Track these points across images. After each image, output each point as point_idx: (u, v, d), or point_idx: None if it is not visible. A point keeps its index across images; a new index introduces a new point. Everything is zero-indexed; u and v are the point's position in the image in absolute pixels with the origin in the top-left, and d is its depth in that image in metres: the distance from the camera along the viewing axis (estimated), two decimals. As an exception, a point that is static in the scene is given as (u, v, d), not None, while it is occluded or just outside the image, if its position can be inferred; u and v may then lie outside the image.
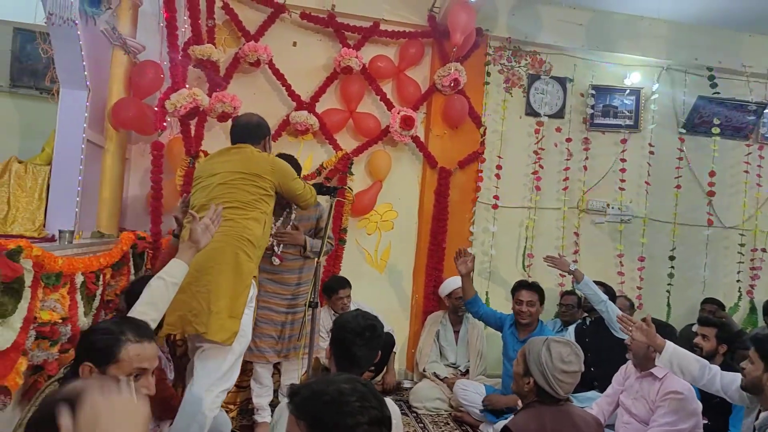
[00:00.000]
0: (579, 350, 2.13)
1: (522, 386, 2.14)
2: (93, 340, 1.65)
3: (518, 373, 2.17)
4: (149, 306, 2.07)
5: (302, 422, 1.24)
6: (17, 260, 1.84)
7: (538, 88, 5.14)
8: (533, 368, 2.09)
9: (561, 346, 2.10)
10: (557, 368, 2.05)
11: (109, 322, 1.77)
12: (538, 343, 2.13)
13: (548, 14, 5.01)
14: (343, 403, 1.24)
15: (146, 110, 4.04)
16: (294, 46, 4.70)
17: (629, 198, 5.27)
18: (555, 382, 2.05)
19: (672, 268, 5.26)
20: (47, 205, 3.38)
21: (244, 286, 2.60)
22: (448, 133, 4.90)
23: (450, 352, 4.46)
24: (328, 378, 1.36)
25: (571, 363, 2.07)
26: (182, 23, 4.21)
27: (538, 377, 2.08)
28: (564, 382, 2.06)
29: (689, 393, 2.68)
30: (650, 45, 5.16)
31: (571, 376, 2.07)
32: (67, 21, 2.91)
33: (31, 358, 2.08)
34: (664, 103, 5.34)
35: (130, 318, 1.83)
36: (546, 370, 2.06)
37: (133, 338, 1.67)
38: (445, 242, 4.80)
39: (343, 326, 2.08)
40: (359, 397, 1.26)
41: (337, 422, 1.22)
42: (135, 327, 1.72)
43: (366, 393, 1.29)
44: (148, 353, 1.69)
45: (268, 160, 2.88)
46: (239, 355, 2.67)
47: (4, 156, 3.57)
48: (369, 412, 1.25)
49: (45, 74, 3.86)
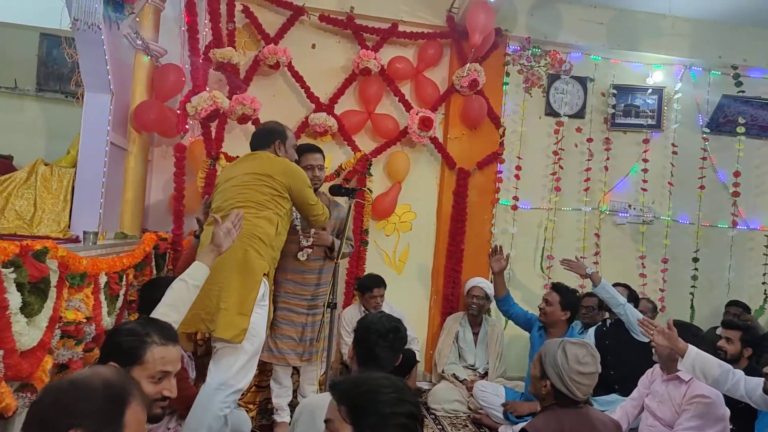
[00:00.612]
0: (595, 351, 2.11)
1: (539, 389, 2.14)
2: (118, 341, 1.66)
3: (535, 375, 2.17)
4: (171, 308, 2.10)
5: (342, 407, 1.34)
6: (43, 261, 1.88)
7: (558, 87, 5.09)
8: (549, 371, 2.08)
9: (577, 347, 2.09)
10: (573, 370, 2.04)
11: (134, 323, 1.78)
12: (553, 346, 2.13)
13: (568, 13, 4.97)
14: (380, 393, 1.35)
15: (168, 113, 4.10)
16: (313, 48, 4.73)
17: (651, 199, 5.20)
18: (572, 384, 2.04)
19: (696, 270, 5.17)
20: (72, 207, 3.45)
21: (253, 282, 2.60)
22: (466, 134, 4.88)
23: (469, 353, 4.44)
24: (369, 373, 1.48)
25: (587, 364, 2.06)
26: (203, 27, 4.27)
27: (554, 379, 2.07)
28: (581, 383, 2.04)
29: (717, 398, 2.63)
30: (673, 43, 5.08)
31: (587, 377, 2.06)
32: (91, 26, 2.96)
33: (57, 356, 2.12)
34: (688, 102, 5.26)
35: (156, 320, 1.85)
36: (562, 372, 2.05)
37: (158, 341, 1.68)
38: (464, 243, 4.79)
39: (368, 327, 2.09)
40: (396, 390, 1.36)
41: (375, 409, 1.32)
42: (160, 329, 1.74)
43: (404, 389, 1.39)
44: (172, 356, 1.71)
45: (280, 162, 2.89)
46: (252, 355, 2.65)
47: (30, 158, 3.65)
48: (405, 405, 1.35)
49: (70, 78, 3.93)
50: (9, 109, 4.58)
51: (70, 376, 1.21)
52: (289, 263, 3.31)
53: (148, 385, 1.62)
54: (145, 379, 1.62)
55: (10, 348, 1.66)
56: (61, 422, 1.13)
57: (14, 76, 4.54)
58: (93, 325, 2.30)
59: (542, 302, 3.76)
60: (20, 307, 1.74)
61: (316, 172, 3.33)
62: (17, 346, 1.71)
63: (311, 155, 3.36)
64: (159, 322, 1.81)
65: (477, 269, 4.78)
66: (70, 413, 1.14)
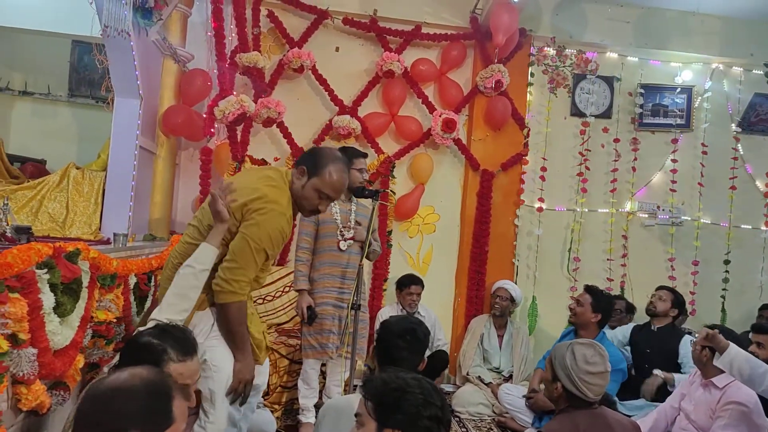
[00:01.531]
0: (603, 350, 2.11)
1: (552, 392, 2.15)
2: (137, 358, 1.60)
3: (547, 378, 2.18)
4: (179, 297, 2.01)
5: (369, 403, 1.39)
6: (75, 262, 1.93)
7: (583, 87, 5.03)
8: (560, 373, 2.09)
9: (584, 347, 2.10)
10: (582, 370, 2.04)
11: (151, 335, 1.70)
12: (562, 348, 2.14)
13: (594, 12, 4.90)
14: (408, 392, 1.37)
15: (195, 117, 4.17)
16: (336, 51, 4.76)
17: (681, 200, 5.09)
18: (582, 385, 2.04)
19: (727, 273, 5.05)
20: (103, 209, 3.53)
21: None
22: (490, 135, 4.85)
23: (494, 356, 4.41)
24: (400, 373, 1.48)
25: (595, 364, 2.06)
26: (229, 32, 4.33)
27: (565, 381, 2.07)
28: (591, 383, 2.04)
29: (755, 407, 2.57)
30: (702, 41, 4.98)
31: (597, 377, 2.05)
32: (121, 33, 3.04)
33: (88, 355, 2.17)
34: (718, 101, 5.14)
35: (172, 331, 1.75)
36: (572, 373, 2.05)
37: (175, 357, 1.65)
38: (488, 245, 4.76)
39: (386, 327, 2.11)
40: (423, 391, 1.39)
41: (400, 408, 1.35)
42: (177, 343, 1.68)
43: (431, 391, 1.41)
44: (190, 370, 1.69)
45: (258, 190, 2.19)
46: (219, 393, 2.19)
47: (63, 162, 3.75)
48: (431, 407, 1.37)
49: (101, 84, 4.03)
50: (43, 114, 4.72)
51: (106, 383, 1.21)
52: (326, 257, 3.41)
53: None
54: None
55: (44, 347, 1.71)
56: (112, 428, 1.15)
57: (48, 82, 4.68)
58: (123, 325, 2.35)
59: (573, 302, 3.69)
60: (53, 307, 1.78)
61: (365, 174, 3.51)
62: (51, 345, 1.76)
63: (363, 159, 3.53)
64: (175, 333, 1.73)
65: (501, 271, 4.75)
66: (121, 418, 1.16)
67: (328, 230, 3.46)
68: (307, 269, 3.46)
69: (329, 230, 3.45)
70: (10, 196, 3.31)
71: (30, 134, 4.61)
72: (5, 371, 1.55)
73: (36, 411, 1.75)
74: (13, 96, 4.64)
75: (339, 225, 3.43)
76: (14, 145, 4.41)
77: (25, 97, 4.66)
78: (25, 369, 1.63)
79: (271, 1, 4.55)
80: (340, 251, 3.44)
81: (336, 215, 3.45)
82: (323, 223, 3.46)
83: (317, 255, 3.47)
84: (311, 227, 3.47)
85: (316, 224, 3.47)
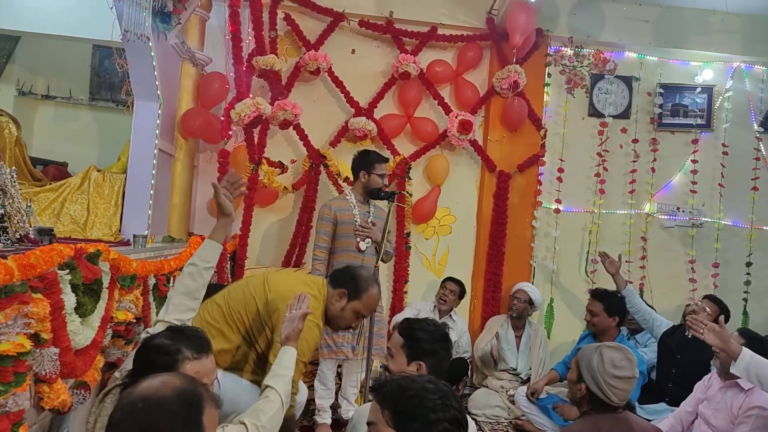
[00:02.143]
0: (632, 355, 2.08)
1: (575, 393, 2.12)
2: (151, 359, 1.62)
3: (572, 379, 2.15)
4: (185, 296, 2.00)
5: (386, 411, 1.34)
6: (96, 263, 1.96)
7: (601, 87, 4.98)
8: (585, 374, 2.06)
9: (613, 351, 2.07)
10: (609, 373, 2.02)
11: (163, 336, 1.71)
12: (590, 350, 2.11)
13: (612, 11, 4.85)
14: (425, 398, 1.33)
15: (213, 120, 4.21)
16: (353, 53, 4.77)
17: (701, 201, 5.01)
18: (607, 388, 2.01)
19: (749, 275, 4.96)
20: (123, 211, 3.58)
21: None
22: (507, 137, 4.83)
23: (510, 355, 4.36)
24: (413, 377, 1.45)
25: (623, 368, 2.03)
26: (246, 35, 4.37)
27: (590, 383, 2.05)
28: (617, 388, 2.01)
29: None
30: (723, 40, 4.90)
31: (624, 381, 2.02)
32: (140, 37, 3.08)
33: (107, 355, 2.21)
34: (739, 100, 5.05)
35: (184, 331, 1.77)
36: (597, 376, 2.03)
37: (191, 356, 1.64)
38: (505, 247, 4.73)
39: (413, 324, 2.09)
40: (441, 396, 1.35)
41: (419, 415, 1.31)
42: (191, 342, 1.68)
43: (448, 393, 1.37)
44: (206, 368, 1.68)
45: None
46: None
47: (84, 165, 3.82)
48: (449, 411, 1.33)
49: (121, 88, 4.09)
50: (65, 117, 4.80)
51: (138, 393, 1.21)
52: (344, 257, 3.47)
53: None
54: None
55: (65, 346, 1.74)
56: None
57: (69, 86, 4.77)
58: (142, 326, 2.37)
59: (587, 314, 3.68)
60: (75, 308, 1.81)
61: (386, 179, 3.64)
62: (72, 344, 1.79)
63: (385, 164, 3.66)
64: (188, 332, 1.74)
65: (518, 273, 4.72)
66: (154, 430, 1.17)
67: (346, 230, 3.49)
68: (324, 268, 3.49)
69: (348, 231, 3.49)
70: (33, 198, 3.37)
71: (52, 137, 4.70)
72: (28, 370, 1.58)
73: (58, 409, 1.78)
74: (36, 100, 4.73)
75: (358, 226, 3.48)
76: (37, 148, 4.49)
77: (48, 101, 4.75)
78: (48, 368, 1.66)
79: (287, 4, 4.58)
80: (359, 252, 3.47)
81: (356, 217, 3.49)
82: (341, 223, 3.50)
83: (335, 254, 3.51)
84: (329, 227, 3.51)
85: (334, 224, 3.51)
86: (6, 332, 1.48)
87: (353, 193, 3.63)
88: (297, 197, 4.65)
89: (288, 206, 4.72)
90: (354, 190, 3.66)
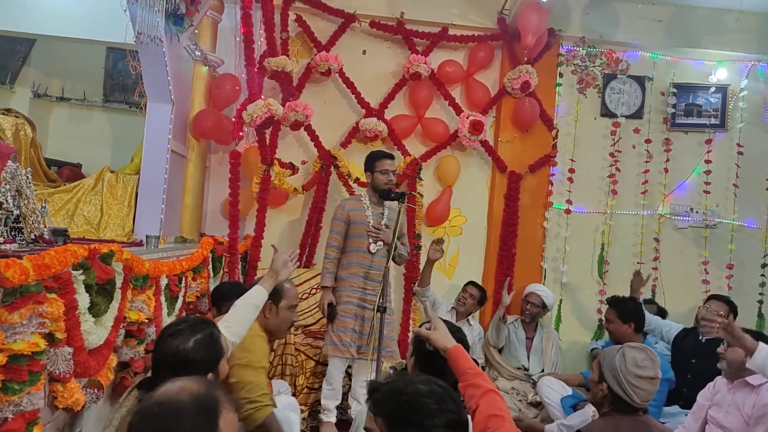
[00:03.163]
0: (654, 356, 2.06)
1: (597, 393, 2.11)
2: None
3: (593, 380, 2.14)
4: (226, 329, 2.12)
5: (380, 419, 1.30)
6: (109, 263, 1.97)
7: (614, 87, 4.95)
8: (607, 374, 2.06)
9: (636, 351, 2.06)
10: (631, 373, 2.01)
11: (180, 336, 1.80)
12: (613, 350, 2.11)
13: (625, 11, 4.82)
14: (420, 404, 1.28)
15: (224, 121, 4.24)
16: (363, 54, 4.78)
17: (715, 201, 4.96)
18: (629, 388, 2.00)
19: (763, 277, 4.90)
20: (135, 212, 3.61)
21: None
22: (518, 137, 4.81)
23: (521, 354, 4.32)
24: (408, 377, 1.39)
25: (645, 368, 2.01)
26: (258, 37, 4.39)
27: (612, 383, 2.04)
28: (639, 388, 2.00)
29: None
30: (738, 39, 4.84)
31: (646, 382, 2.01)
32: (154, 39, 3.10)
33: (120, 355, 2.22)
34: (754, 100, 4.99)
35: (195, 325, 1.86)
36: (620, 375, 2.02)
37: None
38: (515, 248, 4.71)
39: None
40: (437, 399, 1.30)
41: (414, 422, 1.27)
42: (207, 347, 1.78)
43: (443, 395, 1.32)
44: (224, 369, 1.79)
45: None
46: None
47: (98, 166, 3.86)
48: (446, 414, 1.29)
49: (134, 89, 4.12)
50: (79, 119, 4.85)
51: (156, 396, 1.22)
52: (354, 257, 3.50)
53: None
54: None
55: (79, 346, 1.76)
56: None
57: (83, 88, 4.82)
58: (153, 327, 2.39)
59: (605, 322, 3.65)
60: (88, 308, 1.83)
61: (390, 176, 3.53)
62: (86, 344, 1.80)
63: (388, 161, 3.55)
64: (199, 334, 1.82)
65: (529, 274, 4.70)
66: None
67: (358, 231, 3.50)
68: (335, 267, 3.51)
69: (360, 231, 3.50)
70: (47, 199, 3.41)
71: (67, 139, 4.75)
72: (42, 369, 1.60)
73: (71, 408, 1.80)
74: (51, 102, 4.78)
75: (371, 227, 3.49)
76: (52, 150, 4.55)
77: (62, 103, 4.81)
78: (61, 367, 1.68)
79: (299, 6, 4.59)
80: (369, 253, 3.48)
81: (369, 218, 3.51)
82: (354, 223, 3.51)
83: (346, 254, 3.53)
84: (342, 226, 3.52)
85: (347, 224, 3.52)
86: (21, 332, 1.50)
87: (367, 194, 3.66)
88: (307, 198, 4.67)
89: (298, 207, 4.74)
90: (367, 191, 3.68)
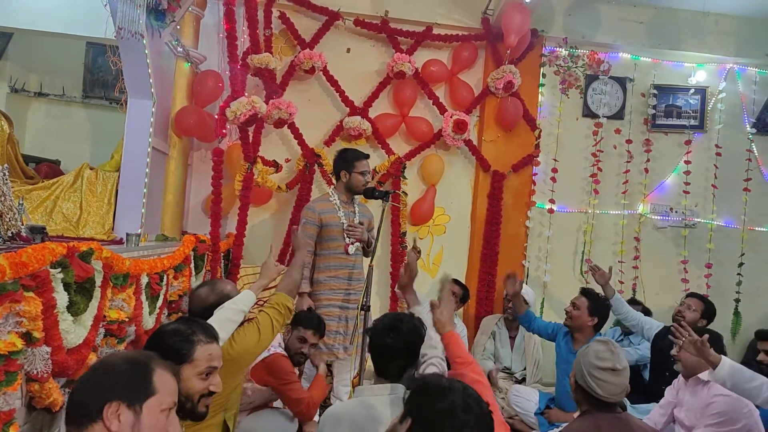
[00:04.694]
0: (616, 348, 2.11)
1: (573, 390, 2.18)
2: (167, 343, 1.75)
3: (571, 376, 2.20)
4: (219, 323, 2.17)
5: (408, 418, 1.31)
6: (89, 261, 1.94)
7: (596, 88, 5.00)
8: (576, 368, 2.13)
9: (598, 344, 2.14)
10: (591, 364, 2.07)
11: (177, 323, 1.88)
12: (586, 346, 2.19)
13: (607, 13, 4.88)
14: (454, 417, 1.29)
15: (207, 118, 4.20)
16: (348, 52, 4.77)
17: (694, 201, 5.04)
18: (592, 380, 2.05)
19: (740, 276, 4.99)
20: (116, 210, 3.55)
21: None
22: (501, 137, 4.84)
23: (505, 355, 4.37)
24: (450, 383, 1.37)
25: (604, 360, 2.07)
26: (241, 34, 4.35)
27: (578, 377, 2.11)
28: (601, 380, 2.05)
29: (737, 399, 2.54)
30: (717, 42, 4.93)
31: (607, 373, 2.05)
32: (134, 35, 3.06)
33: (100, 354, 2.19)
34: (733, 102, 5.09)
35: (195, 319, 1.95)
36: (582, 368, 2.09)
37: (204, 338, 1.79)
38: (498, 247, 4.74)
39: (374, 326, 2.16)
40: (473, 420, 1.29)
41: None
42: (203, 327, 1.84)
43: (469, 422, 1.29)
44: (216, 352, 1.82)
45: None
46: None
47: (77, 163, 3.79)
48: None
49: (114, 85, 4.08)
50: (57, 115, 4.77)
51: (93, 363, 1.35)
52: (332, 260, 3.46)
53: (197, 382, 1.74)
54: (195, 377, 1.74)
55: (57, 345, 1.73)
56: (95, 400, 1.25)
57: (63, 83, 4.74)
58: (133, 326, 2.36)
59: (569, 305, 3.67)
60: (67, 306, 1.80)
61: (368, 177, 3.52)
62: (64, 343, 1.77)
63: (366, 161, 3.55)
64: (200, 321, 1.91)
65: (512, 273, 4.73)
66: (100, 390, 1.27)
67: (333, 233, 3.45)
68: (309, 272, 3.46)
69: (335, 233, 3.45)
70: (25, 196, 3.35)
71: (45, 135, 4.67)
72: (19, 369, 1.57)
73: (49, 408, 1.78)
74: (29, 97, 4.69)
75: (346, 227, 3.44)
76: (30, 146, 4.46)
77: (41, 98, 4.72)
78: (39, 367, 1.65)
79: (282, 3, 4.57)
80: (347, 254, 3.44)
81: (342, 218, 3.45)
82: (327, 225, 3.45)
83: (322, 257, 3.47)
84: (314, 229, 3.45)
85: (319, 226, 3.45)
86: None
87: (336, 193, 3.57)
88: (291, 196, 4.65)
89: (282, 205, 4.72)
90: (337, 190, 3.59)
